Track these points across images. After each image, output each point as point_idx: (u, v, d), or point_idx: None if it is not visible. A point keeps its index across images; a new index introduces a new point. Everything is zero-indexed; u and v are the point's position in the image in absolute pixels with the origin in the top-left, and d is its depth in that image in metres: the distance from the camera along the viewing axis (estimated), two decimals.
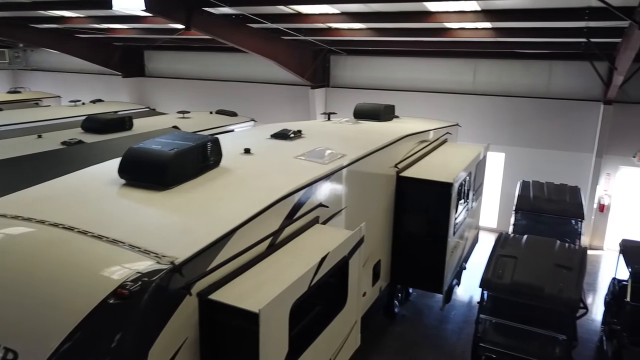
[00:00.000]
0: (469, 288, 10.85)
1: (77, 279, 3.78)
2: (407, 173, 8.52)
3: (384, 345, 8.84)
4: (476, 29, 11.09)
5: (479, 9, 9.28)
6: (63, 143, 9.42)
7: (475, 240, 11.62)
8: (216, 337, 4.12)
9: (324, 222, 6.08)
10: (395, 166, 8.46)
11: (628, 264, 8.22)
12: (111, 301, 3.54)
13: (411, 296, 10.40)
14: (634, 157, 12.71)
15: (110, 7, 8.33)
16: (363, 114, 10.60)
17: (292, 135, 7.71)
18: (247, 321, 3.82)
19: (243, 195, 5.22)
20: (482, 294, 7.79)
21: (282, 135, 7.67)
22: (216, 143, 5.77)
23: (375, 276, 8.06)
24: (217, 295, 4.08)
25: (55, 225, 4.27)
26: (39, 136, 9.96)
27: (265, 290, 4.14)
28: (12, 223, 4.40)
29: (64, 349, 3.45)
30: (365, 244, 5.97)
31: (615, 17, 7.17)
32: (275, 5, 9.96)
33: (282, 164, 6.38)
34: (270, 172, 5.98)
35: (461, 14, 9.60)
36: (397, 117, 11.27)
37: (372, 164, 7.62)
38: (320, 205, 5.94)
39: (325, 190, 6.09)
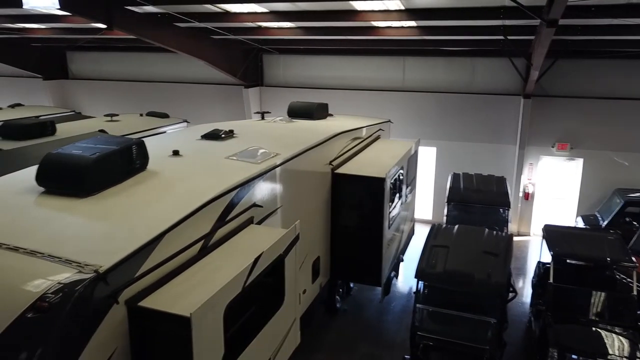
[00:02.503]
0: (407, 279, 11.18)
1: None
2: (341, 170, 8.66)
3: (325, 341, 8.93)
4: (402, 27, 11.43)
5: (402, 8, 9.57)
6: None
7: (411, 233, 11.98)
8: (148, 344, 4.01)
9: (259, 222, 6.06)
10: (330, 163, 8.56)
11: (550, 248, 8.77)
12: (30, 315, 3.36)
13: (352, 291, 10.57)
14: (553, 147, 13.59)
15: (20, 5, 7.82)
16: (297, 112, 10.64)
17: (224, 135, 7.60)
18: (179, 326, 3.75)
19: (171, 198, 5.09)
20: (418, 284, 8.05)
21: (213, 135, 7.55)
22: (141, 146, 5.59)
23: (315, 273, 8.13)
24: (147, 302, 3.97)
25: None
26: None
27: (197, 293, 4.07)
28: None
29: None
30: (302, 241, 6.01)
31: (527, 15, 7.63)
32: (202, 4, 9.77)
33: (213, 165, 6.28)
34: (200, 174, 5.87)
35: (386, 13, 9.87)
36: (331, 115, 11.40)
37: (307, 161, 7.66)
38: (254, 205, 5.91)
39: (258, 190, 6.06)
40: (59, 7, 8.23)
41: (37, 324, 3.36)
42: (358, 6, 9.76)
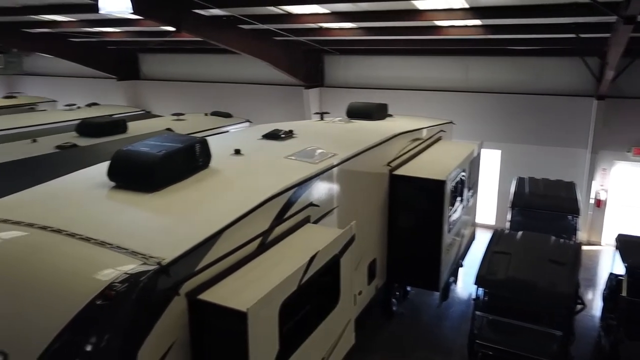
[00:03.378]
0: (466, 285, 10.86)
1: (65, 280, 3.80)
2: (400, 171, 8.53)
3: (381, 343, 8.85)
4: (465, 26, 11.11)
5: (467, 6, 9.30)
6: (57, 147, 9.43)
7: (472, 238, 11.63)
8: (206, 337, 4.13)
9: (316, 222, 6.09)
10: (388, 164, 8.46)
11: (624, 259, 8.23)
12: (99, 302, 3.56)
13: (409, 294, 10.41)
14: (629, 152, 12.73)
15: (97, 10, 8.32)
16: (356, 113, 10.60)
17: (283, 135, 7.71)
18: (236, 320, 3.83)
19: (231, 195, 5.22)
20: (477, 291, 7.79)
21: (273, 135, 7.67)
22: (205, 144, 5.78)
23: (371, 275, 8.06)
24: (206, 295, 4.08)
25: (44, 228, 4.28)
26: (34, 140, 9.97)
27: (254, 289, 4.15)
28: (1, 227, 4.41)
29: (53, 349, 3.49)
30: (358, 242, 5.97)
31: (601, 12, 7.19)
32: (265, 6, 9.97)
33: (272, 164, 6.39)
34: (260, 173, 5.99)
35: (449, 12, 9.63)
36: (390, 115, 11.28)
37: (364, 162, 7.62)
38: (311, 204, 5.95)
39: (315, 190, 6.10)
40: (132, 11, 8.67)
41: (104, 311, 3.55)
42: (420, 5, 9.59)
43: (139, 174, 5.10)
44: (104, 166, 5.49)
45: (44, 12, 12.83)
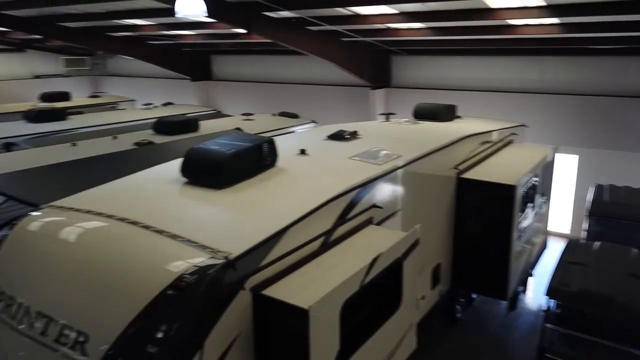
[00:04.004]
0: (537, 296, 10.36)
1: (139, 269, 4.05)
2: (468, 175, 8.28)
3: (443, 349, 8.64)
4: (542, 25, 10.58)
5: (543, 4, 8.85)
6: (135, 144, 10.05)
7: (543, 246, 11.08)
8: (269, 332, 4.22)
9: (379, 224, 6.05)
10: (456, 167, 8.25)
11: None
12: (169, 292, 3.74)
13: (474, 302, 10.09)
14: None
15: (173, 14, 8.76)
16: (423, 114, 10.42)
17: (348, 136, 7.73)
18: (298, 317, 3.89)
19: (296, 194, 5.31)
20: (548, 302, 7.42)
21: (338, 136, 7.71)
22: (272, 144, 5.92)
23: (435, 280, 7.90)
24: (270, 291, 4.18)
25: (122, 219, 4.57)
26: (115, 137, 10.67)
27: (316, 287, 4.19)
28: (84, 217, 4.76)
29: (128, 334, 3.73)
30: (422, 246, 5.88)
31: None
32: (333, 8, 10.03)
33: (336, 164, 6.42)
34: (324, 173, 6.04)
35: (524, 10, 9.20)
36: (458, 117, 10.98)
37: (430, 165, 7.48)
38: (374, 206, 5.92)
39: (379, 191, 6.06)
40: (207, 15, 9.03)
41: (175, 301, 3.75)
42: (492, 4, 9.26)
43: (210, 170, 5.30)
44: (176, 163, 5.76)
45: (126, 16, 13.67)
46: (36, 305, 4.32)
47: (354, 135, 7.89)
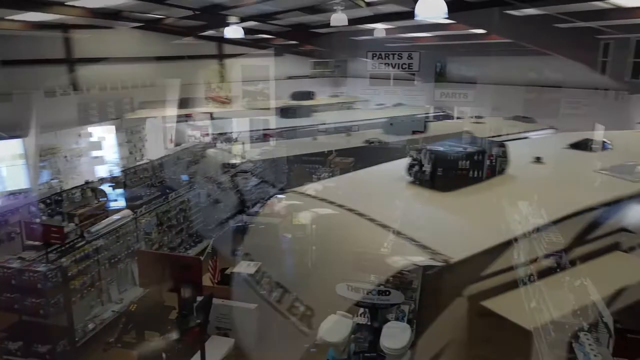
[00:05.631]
0: None
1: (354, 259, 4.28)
2: None
3: None
4: None
5: None
6: (366, 141, 10.78)
7: None
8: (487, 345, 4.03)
9: (627, 251, 5.18)
10: None
11: None
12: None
13: None
14: None
15: (412, 17, 8.90)
16: None
17: (595, 145, 6.82)
18: (519, 335, 3.62)
19: (525, 206, 4.92)
20: None
21: (582, 145, 6.89)
22: (503, 149, 5.61)
23: None
24: (491, 303, 3.97)
25: (351, 210, 4.94)
26: (348, 134, 11.65)
27: (542, 309, 3.83)
28: (319, 204, 5.32)
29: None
30: None
31: None
32: (589, 2, 8.87)
33: (577, 177, 5.76)
34: (562, 185, 5.46)
35: None
36: None
37: None
38: (623, 229, 5.09)
39: (631, 213, 5.18)
40: (446, 16, 8.96)
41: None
42: None
43: (434, 172, 5.31)
44: (402, 162, 5.94)
45: (368, 22, 14.55)
46: (275, 277, 5.00)
47: (602, 145, 6.92)
